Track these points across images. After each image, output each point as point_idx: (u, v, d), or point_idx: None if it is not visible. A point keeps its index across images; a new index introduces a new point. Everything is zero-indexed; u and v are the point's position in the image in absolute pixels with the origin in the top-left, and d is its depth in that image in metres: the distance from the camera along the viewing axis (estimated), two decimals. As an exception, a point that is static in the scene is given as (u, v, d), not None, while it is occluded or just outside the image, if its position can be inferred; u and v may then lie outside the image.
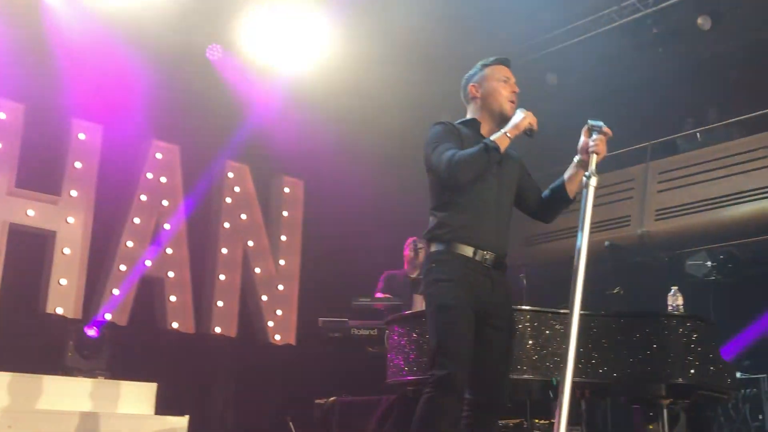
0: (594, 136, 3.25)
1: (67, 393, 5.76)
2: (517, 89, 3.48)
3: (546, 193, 3.53)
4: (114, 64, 7.39)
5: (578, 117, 3.32)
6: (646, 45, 9.24)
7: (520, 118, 3.30)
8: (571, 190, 3.43)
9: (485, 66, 3.53)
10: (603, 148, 3.24)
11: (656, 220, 9.37)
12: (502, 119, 3.40)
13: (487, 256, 3.27)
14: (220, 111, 8.16)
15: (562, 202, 3.47)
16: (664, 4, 8.91)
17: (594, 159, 3.20)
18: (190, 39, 7.95)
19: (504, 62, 3.54)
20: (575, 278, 2.92)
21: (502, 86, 3.45)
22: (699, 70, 10.41)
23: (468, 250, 3.24)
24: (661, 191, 9.50)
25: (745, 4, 9.21)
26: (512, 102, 3.44)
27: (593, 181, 3.06)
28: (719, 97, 10.35)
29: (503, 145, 3.26)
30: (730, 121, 9.61)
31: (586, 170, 3.15)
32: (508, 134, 3.27)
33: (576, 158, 3.37)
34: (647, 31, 9.12)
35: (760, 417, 7.52)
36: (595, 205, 10.42)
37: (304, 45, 8.61)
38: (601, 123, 3.29)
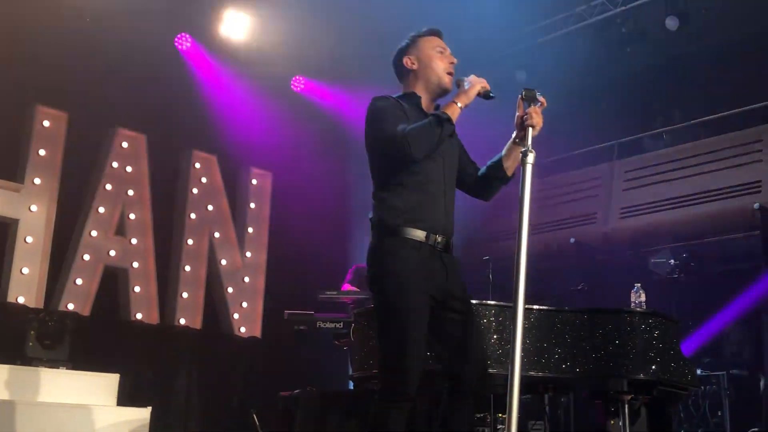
0: (527, 108, 3.04)
1: (28, 383, 5.68)
2: (454, 60, 3.30)
3: (482, 170, 3.35)
4: (79, 50, 7.28)
5: (546, 113, 3.21)
6: (614, 44, 9.32)
7: (468, 85, 3.10)
8: (509, 167, 3.24)
9: (417, 37, 3.33)
10: (538, 120, 3.03)
11: (621, 218, 9.48)
12: (441, 91, 3.26)
13: (439, 239, 3.09)
14: (188, 100, 8.10)
15: (500, 180, 3.29)
16: (632, 4, 9.00)
17: (530, 133, 3.00)
18: (158, 27, 7.86)
19: (436, 33, 3.35)
20: (517, 262, 2.81)
21: (439, 57, 3.27)
22: (666, 70, 10.54)
23: (420, 234, 3.05)
24: (626, 189, 9.61)
25: (712, 6, 9.33)
26: (450, 73, 3.26)
27: (530, 158, 2.88)
28: (686, 97, 10.49)
29: (455, 116, 3.08)
30: (696, 121, 9.74)
31: (524, 145, 2.99)
32: (459, 104, 3.08)
33: (513, 134, 3.20)
34: (616, 30, 9.20)
35: (719, 413, 7.65)
36: (561, 202, 10.48)
37: (275, 36, 8.57)
38: (534, 91, 3.06)
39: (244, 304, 8.46)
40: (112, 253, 7.65)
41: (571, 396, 7.71)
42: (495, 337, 4.34)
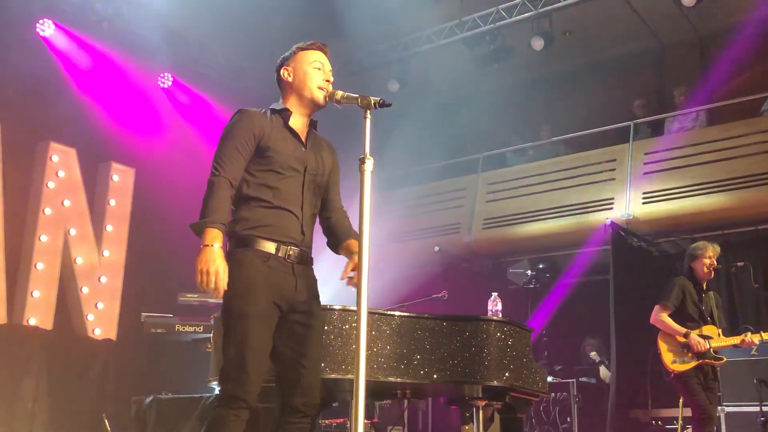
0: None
1: None
2: (330, 78, 3.25)
3: (330, 227, 3.37)
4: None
5: (415, 124, 3.25)
6: (483, 60, 9.58)
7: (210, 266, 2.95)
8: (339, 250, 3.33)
9: (300, 49, 3.29)
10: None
11: (483, 228, 9.75)
12: (315, 106, 3.23)
13: (291, 252, 3.10)
14: (46, 89, 7.71)
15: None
16: (501, 23, 9.30)
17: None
18: (16, 11, 7.47)
19: (321, 48, 3.30)
20: (360, 268, 2.81)
21: (315, 73, 3.22)
22: (531, 87, 10.96)
23: (270, 246, 3.07)
24: (489, 201, 9.90)
25: (575, 30, 9.80)
26: (323, 89, 3.20)
27: (368, 165, 2.89)
28: (549, 114, 10.93)
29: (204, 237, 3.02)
30: (556, 138, 10.15)
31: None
32: (205, 243, 3.00)
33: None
34: (485, 46, 9.47)
35: (568, 419, 8.00)
36: (427, 212, 10.63)
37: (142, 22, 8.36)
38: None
39: (100, 305, 8.12)
40: (-43, 247, 7.19)
41: (429, 401, 7.87)
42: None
